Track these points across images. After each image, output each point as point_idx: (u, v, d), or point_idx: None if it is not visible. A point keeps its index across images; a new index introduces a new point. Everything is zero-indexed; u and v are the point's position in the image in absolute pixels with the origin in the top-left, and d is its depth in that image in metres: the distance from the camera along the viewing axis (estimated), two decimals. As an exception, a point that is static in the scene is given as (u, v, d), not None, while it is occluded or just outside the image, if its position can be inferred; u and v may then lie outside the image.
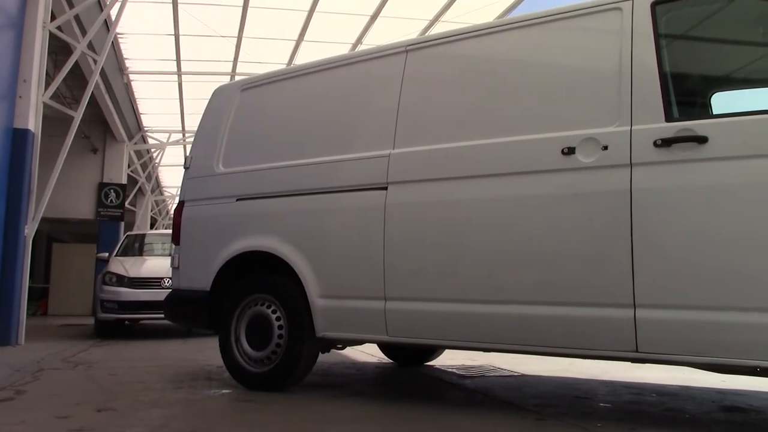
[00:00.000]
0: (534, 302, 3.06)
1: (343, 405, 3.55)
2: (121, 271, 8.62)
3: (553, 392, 3.97)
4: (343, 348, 4.36)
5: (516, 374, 4.61)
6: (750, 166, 2.65)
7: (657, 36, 2.98)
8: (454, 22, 10.33)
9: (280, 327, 3.87)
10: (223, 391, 3.95)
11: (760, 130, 2.68)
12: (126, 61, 12.04)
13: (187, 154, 4.77)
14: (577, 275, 2.97)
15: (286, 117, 4.26)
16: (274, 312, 3.91)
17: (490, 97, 3.44)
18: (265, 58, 11.75)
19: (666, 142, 2.81)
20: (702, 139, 2.74)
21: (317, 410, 3.40)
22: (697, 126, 2.78)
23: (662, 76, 2.93)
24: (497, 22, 3.71)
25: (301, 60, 11.69)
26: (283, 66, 11.29)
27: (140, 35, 11.11)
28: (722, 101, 3.71)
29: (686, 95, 3.38)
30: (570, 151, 3.02)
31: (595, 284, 2.92)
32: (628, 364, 3.84)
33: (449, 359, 5.28)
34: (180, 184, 4.70)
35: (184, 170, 4.63)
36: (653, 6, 3.03)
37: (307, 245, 3.79)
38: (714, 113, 3.48)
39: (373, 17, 10.74)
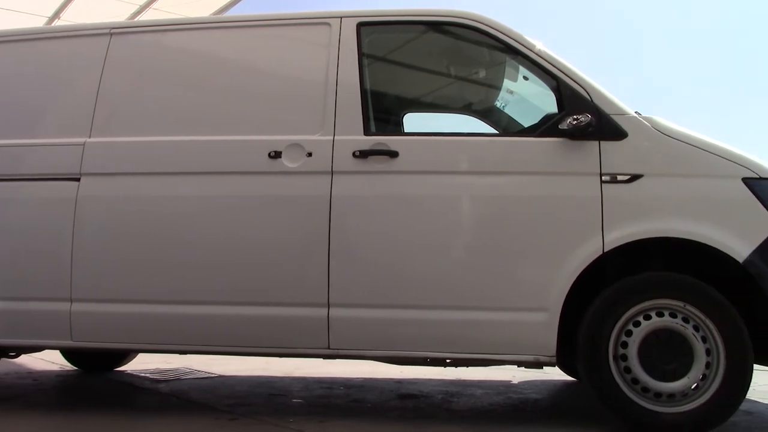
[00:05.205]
0: (231, 303, 3.07)
1: (13, 420, 3.14)
2: None
3: (248, 391, 4.02)
4: (17, 356, 3.88)
5: (213, 375, 4.56)
6: (431, 181, 3.02)
7: (361, 55, 3.21)
8: (165, 11, 9.91)
9: (-66, 334, 3.29)
10: None
11: (440, 149, 3.07)
12: None
13: None
14: (277, 276, 3.05)
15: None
16: (-73, 316, 3.32)
17: (198, 94, 3.36)
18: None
19: (363, 154, 3.04)
20: (394, 154, 3.03)
21: (-21, 427, 2.97)
22: (391, 141, 3.07)
23: (363, 92, 3.16)
24: (211, 18, 3.68)
25: (-20, 25, 10.17)
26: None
27: None
28: (413, 121, 4.14)
29: (383, 112, 3.70)
30: (276, 155, 3.09)
31: (294, 285, 3.04)
32: (321, 360, 4.06)
33: (143, 363, 5.00)
34: None
35: None
36: (359, 26, 3.25)
37: (-24, 238, 3.29)
38: (405, 131, 3.88)
39: (75, -9, 9.84)
